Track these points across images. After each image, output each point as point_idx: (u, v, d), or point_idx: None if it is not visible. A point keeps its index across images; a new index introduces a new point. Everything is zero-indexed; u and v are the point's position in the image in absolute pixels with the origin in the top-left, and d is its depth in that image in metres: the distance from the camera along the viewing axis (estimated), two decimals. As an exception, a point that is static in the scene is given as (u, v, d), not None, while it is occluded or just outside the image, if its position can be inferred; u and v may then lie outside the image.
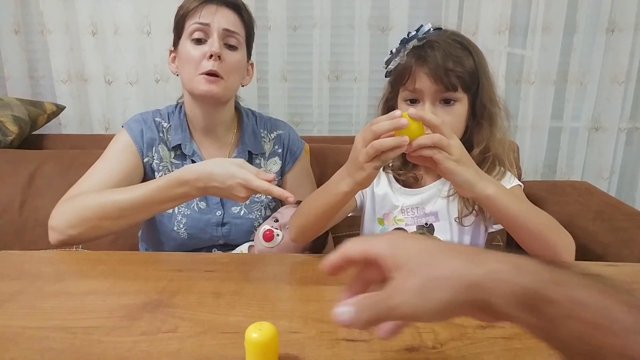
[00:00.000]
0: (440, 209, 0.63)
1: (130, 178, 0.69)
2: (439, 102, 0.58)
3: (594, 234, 0.83)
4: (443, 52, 0.56)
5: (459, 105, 0.59)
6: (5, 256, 0.58)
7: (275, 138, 0.78)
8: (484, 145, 0.60)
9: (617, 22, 1.23)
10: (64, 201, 0.62)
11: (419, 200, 0.64)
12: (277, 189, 0.54)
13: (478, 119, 0.60)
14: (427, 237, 0.24)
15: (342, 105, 1.31)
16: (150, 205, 0.58)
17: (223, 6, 0.68)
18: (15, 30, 1.23)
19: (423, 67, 0.57)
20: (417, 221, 0.64)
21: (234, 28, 0.68)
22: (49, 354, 0.38)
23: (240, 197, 0.54)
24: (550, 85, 1.26)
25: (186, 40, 0.68)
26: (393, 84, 0.62)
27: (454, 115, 0.59)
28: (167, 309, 0.45)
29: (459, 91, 0.57)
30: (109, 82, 1.26)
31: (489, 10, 1.21)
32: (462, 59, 0.57)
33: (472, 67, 0.58)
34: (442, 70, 0.56)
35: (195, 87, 0.68)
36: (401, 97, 0.61)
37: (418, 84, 0.57)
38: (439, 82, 0.56)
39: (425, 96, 0.58)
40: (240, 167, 0.55)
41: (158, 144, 0.72)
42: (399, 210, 0.64)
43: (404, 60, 0.59)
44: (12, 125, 1.06)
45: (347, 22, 1.24)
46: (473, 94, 0.59)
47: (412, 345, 0.40)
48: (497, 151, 0.61)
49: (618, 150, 1.34)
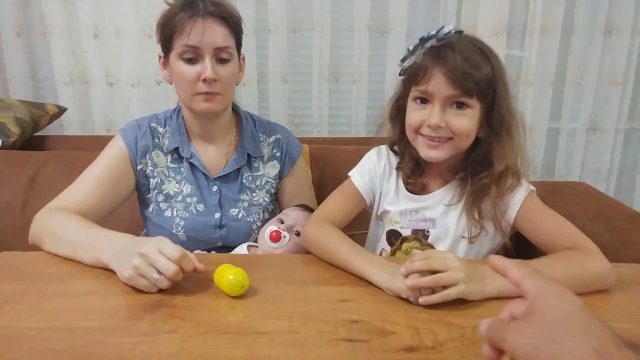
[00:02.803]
0: (439, 217, 0.62)
1: (120, 186, 0.69)
2: (449, 105, 0.56)
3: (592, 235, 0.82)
4: (462, 55, 0.54)
5: (471, 112, 0.56)
6: (6, 257, 0.59)
7: (274, 142, 0.78)
8: (506, 161, 0.57)
9: (614, 24, 1.24)
10: (45, 212, 0.63)
11: (420, 206, 0.63)
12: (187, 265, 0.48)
13: (496, 131, 0.57)
14: (577, 305, 0.24)
15: (342, 107, 1.32)
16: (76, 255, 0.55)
17: (210, 19, 0.64)
18: (18, 33, 1.24)
19: (440, 67, 0.54)
20: (414, 225, 0.64)
21: (224, 43, 0.66)
22: (50, 355, 0.38)
23: (132, 265, 0.47)
24: (548, 87, 1.27)
25: (177, 58, 0.66)
26: (406, 82, 0.60)
27: (466, 118, 0.56)
28: (167, 309, 0.45)
29: (473, 98, 0.55)
30: (111, 84, 1.27)
31: (487, 12, 1.21)
32: (480, 65, 0.55)
33: (489, 74, 0.55)
34: (460, 72, 0.53)
35: (193, 105, 0.68)
36: (411, 96, 0.59)
37: (432, 84, 0.55)
38: (456, 84, 0.54)
39: (436, 98, 0.56)
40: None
41: (152, 150, 0.72)
42: (398, 212, 0.65)
43: (420, 59, 0.56)
44: (14, 127, 1.06)
45: (347, 25, 1.25)
46: (487, 104, 0.57)
47: (412, 345, 0.40)
48: (514, 164, 0.59)
49: (616, 151, 1.34)
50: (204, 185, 0.74)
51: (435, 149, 0.57)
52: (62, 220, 0.60)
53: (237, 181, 0.75)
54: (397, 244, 0.65)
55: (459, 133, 0.56)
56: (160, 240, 0.49)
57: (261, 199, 0.76)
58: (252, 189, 0.76)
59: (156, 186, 0.73)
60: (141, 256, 0.47)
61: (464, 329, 0.42)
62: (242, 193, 0.75)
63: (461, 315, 0.44)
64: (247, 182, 0.76)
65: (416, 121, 0.58)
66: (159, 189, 0.73)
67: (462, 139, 0.57)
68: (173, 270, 0.47)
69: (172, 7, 0.66)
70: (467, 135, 0.57)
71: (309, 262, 0.58)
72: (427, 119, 0.56)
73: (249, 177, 0.76)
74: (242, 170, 0.76)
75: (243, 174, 0.76)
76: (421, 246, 0.63)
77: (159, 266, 0.47)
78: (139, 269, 0.47)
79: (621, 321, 0.44)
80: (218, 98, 0.67)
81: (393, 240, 0.65)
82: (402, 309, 0.46)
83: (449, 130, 0.56)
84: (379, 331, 0.42)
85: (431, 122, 0.56)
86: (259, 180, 0.76)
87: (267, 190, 0.77)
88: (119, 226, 0.60)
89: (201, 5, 0.64)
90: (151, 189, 0.73)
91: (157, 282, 0.47)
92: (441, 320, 0.44)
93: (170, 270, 0.47)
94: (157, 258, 0.47)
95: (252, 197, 0.75)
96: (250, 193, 0.75)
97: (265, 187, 0.77)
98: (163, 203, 0.73)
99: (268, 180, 0.77)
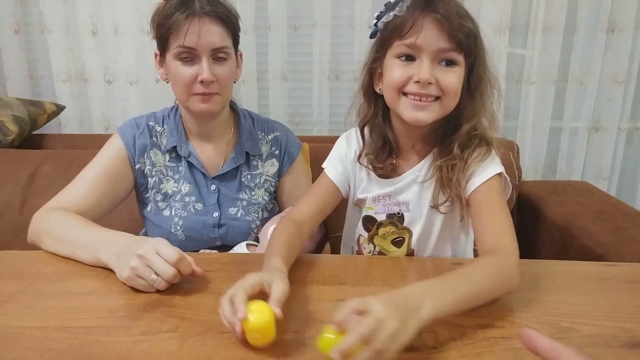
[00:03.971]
0: (412, 198, 0.60)
1: (118, 186, 0.69)
2: (438, 62, 0.52)
3: (594, 234, 0.83)
4: (453, 5, 0.51)
5: (459, 69, 0.53)
6: (5, 256, 0.58)
7: (272, 140, 0.78)
8: (474, 122, 0.55)
9: (617, 22, 1.23)
10: (43, 211, 0.63)
11: (392, 190, 0.61)
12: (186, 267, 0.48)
13: (472, 92, 0.55)
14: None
15: (342, 105, 1.31)
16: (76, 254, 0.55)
17: (206, 19, 0.63)
18: (16, 30, 1.23)
19: (432, 15, 0.50)
20: (388, 209, 0.62)
21: (221, 43, 0.65)
22: (49, 354, 0.38)
23: (130, 266, 0.47)
24: (551, 85, 1.26)
25: (173, 59, 0.65)
26: (384, 40, 0.55)
27: (456, 77, 0.52)
28: (167, 308, 0.45)
29: (461, 54, 0.52)
30: (109, 82, 1.26)
31: (490, 10, 1.20)
32: (467, 18, 0.52)
33: (474, 29, 0.52)
34: (454, 20, 0.49)
35: (191, 106, 0.67)
36: (393, 53, 0.53)
37: (423, 35, 0.50)
38: (451, 35, 0.50)
39: (425, 53, 0.51)
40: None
41: (150, 149, 0.72)
42: (371, 198, 0.63)
43: (403, 12, 0.52)
44: (12, 125, 1.06)
45: (347, 22, 1.24)
46: (471, 62, 0.54)
47: (413, 345, 0.39)
48: (484, 129, 0.56)
49: (618, 150, 1.34)
50: (202, 184, 0.73)
51: (422, 109, 0.53)
52: (61, 219, 0.60)
53: (235, 180, 0.75)
54: (374, 230, 0.64)
55: (448, 90, 0.52)
56: (158, 241, 0.49)
57: (260, 198, 0.75)
58: (251, 187, 0.75)
59: (154, 185, 0.73)
60: (139, 257, 0.47)
61: (465, 329, 0.42)
62: (241, 192, 0.74)
63: (463, 315, 0.44)
64: (245, 181, 0.75)
65: (401, 78, 0.52)
66: (157, 188, 0.73)
67: (451, 98, 0.53)
68: (170, 273, 0.47)
69: (167, 6, 0.65)
70: (455, 93, 0.53)
71: (309, 262, 0.57)
72: (416, 74, 0.52)
73: (248, 175, 0.76)
74: (241, 168, 0.75)
75: (242, 173, 0.75)
76: (397, 230, 0.62)
77: (156, 268, 0.47)
78: (137, 270, 0.47)
79: (622, 321, 0.44)
80: (216, 98, 0.67)
81: (369, 225, 0.64)
82: (403, 309, 0.46)
83: (438, 87, 0.52)
84: (380, 331, 0.42)
85: (421, 76, 0.51)
86: (258, 178, 0.76)
87: (266, 189, 0.76)
88: (119, 226, 0.60)
89: (197, 4, 0.63)
90: (149, 188, 0.73)
91: (155, 283, 0.47)
92: (442, 320, 0.43)
93: (167, 273, 0.46)
94: (155, 260, 0.47)
95: (251, 196, 0.75)
96: (249, 192, 0.75)
97: (264, 186, 0.76)
98: (161, 202, 0.73)
99: (267, 178, 0.77)
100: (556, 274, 0.54)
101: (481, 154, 0.56)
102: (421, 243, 0.62)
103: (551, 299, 0.48)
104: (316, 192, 0.64)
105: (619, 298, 0.49)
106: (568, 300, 0.48)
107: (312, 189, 0.65)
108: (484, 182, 0.55)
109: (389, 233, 0.63)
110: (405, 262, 0.59)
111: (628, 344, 0.40)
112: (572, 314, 0.45)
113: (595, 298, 0.49)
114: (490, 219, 0.53)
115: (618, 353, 0.39)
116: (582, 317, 0.45)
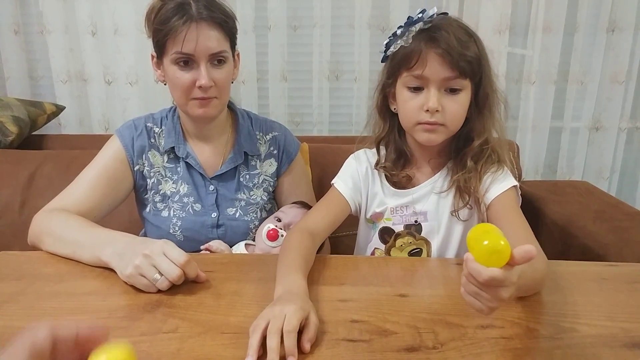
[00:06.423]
0: (431, 208, 0.62)
1: (118, 187, 0.69)
2: (444, 90, 0.56)
3: (594, 234, 0.83)
4: (454, 36, 0.54)
5: (464, 94, 0.57)
6: (5, 257, 0.58)
7: (270, 140, 0.78)
8: (485, 137, 0.59)
9: (617, 22, 1.23)
10: (43, 212, 0.63)
11: (410, 200, 0.63)
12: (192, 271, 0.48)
13: (480, 109, 0.59)
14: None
15: (342, 105, 1.31)
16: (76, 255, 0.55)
17: (203, 24, 0.62)
18: (15, 31, 1.23)
19: (435, 49, 0.54)
20: (405, 220, 0.63)
21: (219, 48, 0.64)
22: (48, 355, 0.38)
23: (134, 264, 0.47)
24: (551, 85, 1.26)
25: (171, 63, 0.65)
26: (394, 68, 0.59)
27: (460, 105, 0.57)
28: (167, 309, 0.45)
29: (466, 79, 0.56)
30: (109, 83, 1.26)
31: (489, 10, 1.20)
32: (469, 45, 0.55)
33: (477, 53, 0.56)
34: (455, 53, 0.54)
35: (190, 110, 0.67)
36: (402, 83, 0.58)
37: (428, 68, 0.55)
38: (453, 66, 0.54)
39: (431, 83, 0.56)
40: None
41: (148, 150, 0.72)
42: (389, 210, 0.64)
43: (409, 42, 0.56)
44: (12, 126, 1.06)
45: (347, 22, 1.24)
46: (476, 83, 0.58)
47: (412, 345, 0.40)
48: (496, 145, 0.60)
49: (618, 150, 1.34)
50: (200, 185, 0.73)
51: (433, 132, 0.58)
52: (62, 220, 0.60)
53: (234, 180, 0.75)
54: (391, 241, 0.64)
55: (452, 118, 0.57)
56: (166, 243, 0.50)
57: (259, 198, 0.75)
58: (249, 187, 0.75)
59: (153, 186, 0.73)
60: (144, 257, 0.48)
61: (465, 329, 0.42)
62: (239, 192, 0.74)
63: (462, 315, 0.44)
64: (244, 181, 0.75)
65: (414, 111, 0.58)
66: (156, 189, 0.73)
67: (455, 123, 0.59)
68: (177, 273, 0.47)
69: (164, 9, 0.64)
70: (459, 120, 0.59)
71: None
72: (425, 104, 0.56)
73: (246, 175, 0.76)
74: (239, 168, 0.75)
75: (240, 173, 0.75)
76: (414, 240, 0.63)
77: (162, 268, 0.47)
78: (140, 269, 0.47)
79: (622, 321, 0.44)
80: (214, 102, 0.67)
81: (386, 237, 0.65)
82: (402, 309, 0.46)
83: (444, 116, 0.57)
84: (380, 331, 0.42)
85: (430, 105, 0.56)
86: (257, 178, 0.76)
87: (265, 189, 0.77)
88: (118, 226, 0.60)
89: (194, 8, 0.63)
90: (148, 189, 0.73)
91: (157, 283, 0.47)
92: (442, 320, 0.43)
93: (173, 273, 0.47)
94: (161, 260, 0.47)
95: (249, 196, 0.75)
96: (248, 192, 0.75)
97: (262, 186, 0.76)
98: (160, 203, 0.73)
99: (265, 178, 0.77)
100: (556, 274, 0.54)
101: (494, 167, 0.60)
102: (441, 254, 0.63)
103: (551, 299, 0.48)
104: (327, 205, 0.65)
105: (619, 298, 0.49)
106: (568, 300, 0.48)
107: (322, 201, 0.66)
108: (501, 192, 0.58)
109: (407, 244, 0.64)
110: (406, 263, 0.59)
111: (628, 344, 0.40)
112: (572, 314, 0.45)
113: (595, 298, 0.49)
114: (518, 225, 0.55)
115: (618, 353, 0.39)
116: (582, 317, 0.45)
